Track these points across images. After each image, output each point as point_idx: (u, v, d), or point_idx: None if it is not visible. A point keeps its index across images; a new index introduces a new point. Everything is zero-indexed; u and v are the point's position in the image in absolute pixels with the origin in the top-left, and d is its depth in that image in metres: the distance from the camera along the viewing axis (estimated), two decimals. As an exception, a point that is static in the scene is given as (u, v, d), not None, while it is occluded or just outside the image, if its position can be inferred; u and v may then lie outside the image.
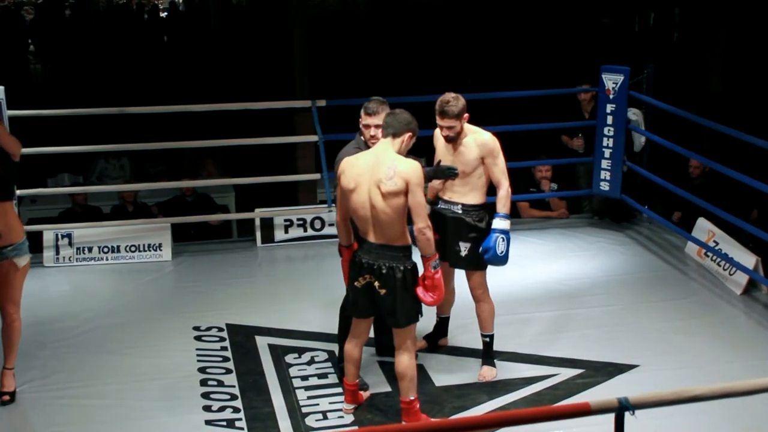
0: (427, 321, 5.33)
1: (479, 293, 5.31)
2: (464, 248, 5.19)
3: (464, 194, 5.20)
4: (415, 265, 4.54)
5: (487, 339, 5.37)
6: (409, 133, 4.55)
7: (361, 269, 4.56)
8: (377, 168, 4.43)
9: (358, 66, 13.52)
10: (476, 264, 5.20)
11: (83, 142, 7.84)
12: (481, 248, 5.09)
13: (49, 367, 5.42)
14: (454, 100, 5.05)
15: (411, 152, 4.68)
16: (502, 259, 5.09)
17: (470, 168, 5.14)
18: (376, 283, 4.50)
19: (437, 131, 5.24)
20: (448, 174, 5.05)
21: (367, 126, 4.91)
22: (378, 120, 4.86)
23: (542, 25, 14.35)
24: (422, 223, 4.40)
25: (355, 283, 4.59)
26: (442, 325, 5.71)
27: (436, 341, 5.70)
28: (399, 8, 18.13)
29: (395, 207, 4.40)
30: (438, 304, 5.05)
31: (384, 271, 4.49)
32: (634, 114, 7.71)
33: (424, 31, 15.52)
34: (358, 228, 4.58)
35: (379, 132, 4.88)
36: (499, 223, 5.08)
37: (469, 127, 5.16)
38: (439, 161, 5.16)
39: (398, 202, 4.38)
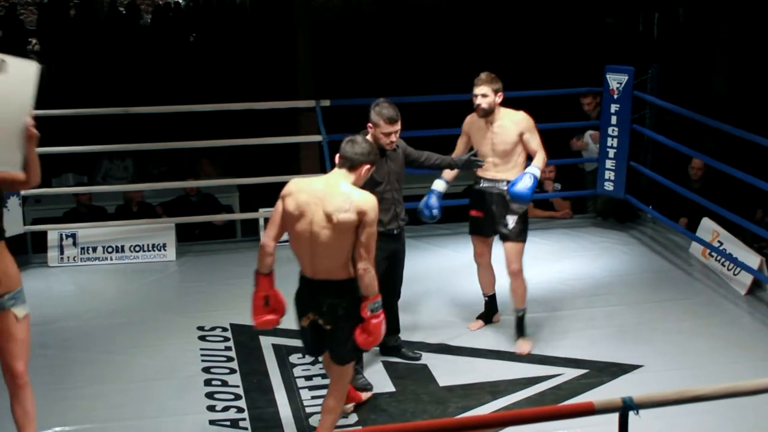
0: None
1: (515, 267, 5.60)
2: (512, 221, 5.52)
3: (507, 171, 5.51)
4: (358, 299, 4.17)
5: (520, 314, 5.70)
6: (368, 165, 4.25)
7: (304, 307, 4.27)
8: (329, 198, 4.09)
9: (362, 66, 13.52)
10: (519, 236, 5.56)
11: (88, 143, 7.85)
12: (509, 184, 5.40)
13: (53, 367, 5.43)
14: (487, 75, 5.42)
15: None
16: (525, 195, 5.33)
17: (510, 146, 5.48)
18: (320, 321, 4.22)
19: (469, 117, 5.62)
20: (476, 164, 5.44)
21: (388, 134, 4.97)
22: (398, 126, 5.00)
23: (546, 26, 14.34)
24: (371, 261, 4.11)
25: (302, 323, 4.30)
26: (491, 302, 6.02)
27: (490, 319, 6.03)
28: (402, 8, 18.13)
29: (344, 240, 4.08)
30: (482, 285, 5.75)
31: (325, 309, 4.19)
32: (589, 136, 7.81)
33: (428, 31, 15.52)
34: (299, 262, 4.27)
35: (397, 137, 5.06)
36: (532, 168, 5.40)
37: (503, 109, 5.48)
38: (473, 150, 5.46)
39: (348, 236, 4.08)
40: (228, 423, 4.83)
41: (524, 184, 5.31)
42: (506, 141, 5.45)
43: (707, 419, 4.62)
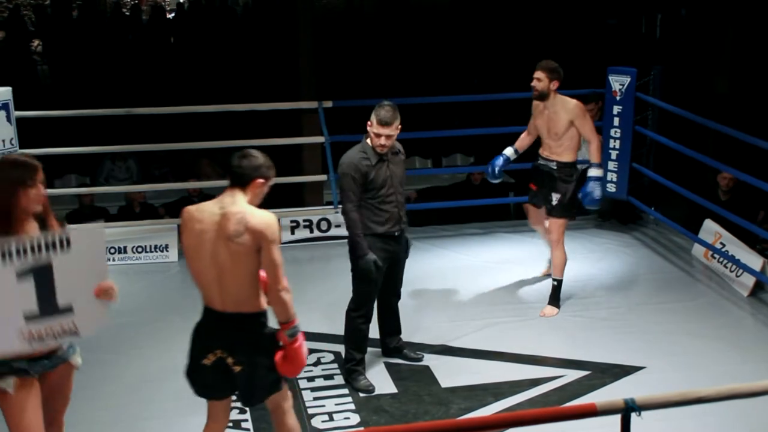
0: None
1: (555, 239, 6.18)
2: (555, 198, 6.10)
3: (559, 154, 6.08)
4: (273, 334, 3.87)
5: (556, 283, 6.23)
6: (260, 180, 3.83)
7: (208, 344, 3.83)
8: (224, 222, 3.72)
9: (365, 67, 13.50)
10: (562, 213, 6.12)
11: (90, 144, 7.85)
12: (580, 194, 6.05)
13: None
14: (551, 62, 5.99)
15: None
16: (597, 202, 6.10)
17: (562, 130, 6.00)
18: (230, 360, 3.80)
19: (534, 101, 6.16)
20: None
21: (378, 135, 4.94)
22: (390, 131, 4.92)
23: (548, 27, 14.32)
24: (280, 285, 3.74)
25: (203, 361, 3.84)
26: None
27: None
28: (405, 9, 18.11)
29: (247, 267, 3.72)
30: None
31: (236, 346, 3.79)
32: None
33: (431, 33, 15.49)
34: (202, 294, 3.87)
35: (389, 142, 4.96)
36: (595, 172, 6.01)
37: (558, 96, 6.00)
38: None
39: (249, 262, 3.71)
40: (230, 424, 4.80)
41: (596, 194, 6.01)
42: (557, 126, 5.99)
43: (710, 421, 4.62)
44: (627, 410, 3.11)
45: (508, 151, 6.36)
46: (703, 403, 3.32)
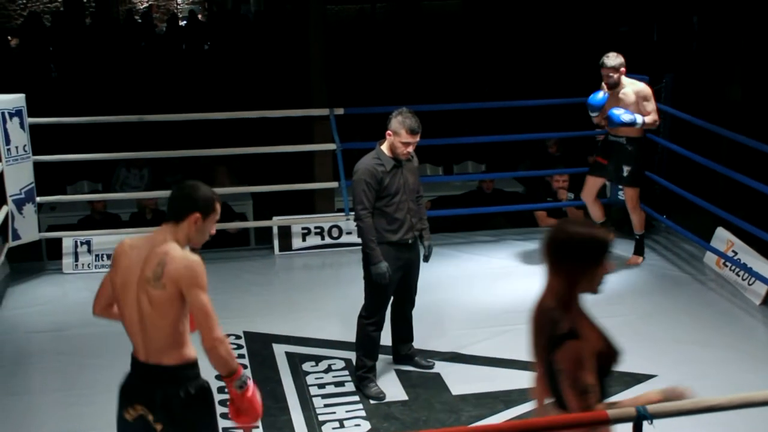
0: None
1: (633, 205, 7.05)
2: (626, 170, 6.94)
3: (627, 131, 6.83)
4: (202, 388, 3.52)
5: (638, 237, 7.21)
6: (197, 214, 3.41)
7: (130, 398, 3.47)
8: (147, 263, 3.35)
9: (376, 74, 13.52)
10: (634, 182, 6.99)
11: (102, 150, 7.89)
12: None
13: (67, 373, 5.46)
14: (613, 56, 6.70)
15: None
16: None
17: (633, 110, 6.69)
18: (150, 417, 3.42)
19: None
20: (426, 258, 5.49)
21: (407, 144, 5.00)
22: (417, 138, 5.04)
23: (561, 34, 14.32)
24: (212, 335, 3.33)
25: (125, 415, 3.47)
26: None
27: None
28: (417, 17, 18.14)
29: (168, 315, 3.34)
30: (594, 215, 7.17)
31: (158, 402, 3.41)
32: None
33: (442, 40, 15.52)
34: (130, 339, 3.50)
35: (413, 149, 5.07)
36: (632, 117, 6.69)
37: (627, 80, 6.77)
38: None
39: (171, 309, 3.34)
40: (241, 431, 4.83)
41: (618, 112, 6.65)
42: (625, 106, 6.70)
43: (722, 431, 4.59)
44: (639, 418, 3.10)
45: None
46: (716, 411, 3.31)
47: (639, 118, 6.69)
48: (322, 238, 7.66)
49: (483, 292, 6.70)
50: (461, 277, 7.05)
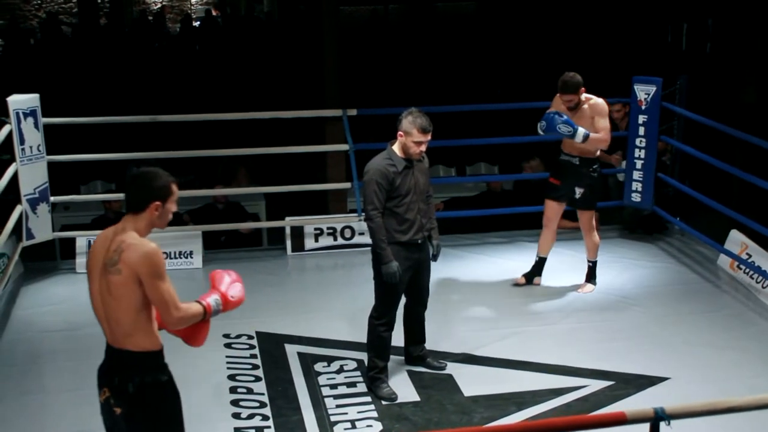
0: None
1: (586, 228, 6.57)
2: (578, 192, 6.45)
3: (581, 148, 6.35)
4: (160, 381, 3.56)
5: (591, 264, 6.71)
6: (156, 203, 3.54)
7: (100, 380, 3.59)
8: (108, 251, 3.49)
9: (389, 75, 13.54)
10: (587, 205, 6.52)
11: (116, 150, 7.91)
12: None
13: (78, 372, 5.45)
14: (571, 79, 6.26)
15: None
16: (547, 117, 6.25)
17: (589, 129, 6.24)
18: (112, 400, 3.51)
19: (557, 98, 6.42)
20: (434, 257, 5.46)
21: (419, 143, 5.02)
22: (429, 137, 5.06)
23: (574, 35, 14.30)
24: (172, 318, 3.50)
25: (100, 397, 3.59)
26: (540, 264, 6.75)
27: (532, 279, 6.76)
28: (429, 18, 18.15)
29: (126, 300, 3.43)
30: (540, 245, 6.68)
31: (116, 384, 3.49)
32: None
33: (455, 42, 15.52)
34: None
35: (425, 148, 5.09)
36: (575, 134, 6.17)
37: (586, 96, 6.35)
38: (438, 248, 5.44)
39: (129, 294, 3.43)
40: (253, 430, 4.84)
41: (556, 121, 6.15)
42: (584, 124, 6.24)
43: (735, 433, 4.58)
44: (656, 419, 3.09)
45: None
46: (733, 412, 3.30)
47: (581, 133, 6.16)
48: (335, 239, 7.67)
49: (495, 293, 6.69)
50: (474, 278, 7.04)
